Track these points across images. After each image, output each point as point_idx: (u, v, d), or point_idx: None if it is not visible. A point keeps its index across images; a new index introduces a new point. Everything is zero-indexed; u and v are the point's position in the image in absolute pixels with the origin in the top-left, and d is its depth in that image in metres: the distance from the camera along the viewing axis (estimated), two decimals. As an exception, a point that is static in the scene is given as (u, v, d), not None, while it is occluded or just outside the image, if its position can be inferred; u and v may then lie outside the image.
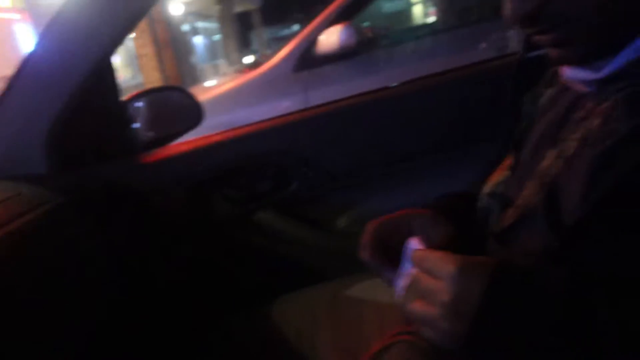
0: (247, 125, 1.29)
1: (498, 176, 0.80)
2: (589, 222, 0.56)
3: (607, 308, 0.51)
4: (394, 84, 1.34)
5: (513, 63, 0.79)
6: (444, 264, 0.57)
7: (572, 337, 0.51)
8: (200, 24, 18.02)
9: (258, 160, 1.29)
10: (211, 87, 3.08)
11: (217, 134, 1.28)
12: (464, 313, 0.54)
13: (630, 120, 0.56)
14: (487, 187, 0.80)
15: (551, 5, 0.56)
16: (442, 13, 3.25)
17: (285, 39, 3.03)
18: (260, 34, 20.07)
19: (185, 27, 14.81)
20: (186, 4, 14.13)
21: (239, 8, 16.96)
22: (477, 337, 0.54)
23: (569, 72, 0.64)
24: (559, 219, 0.62)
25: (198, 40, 17.40)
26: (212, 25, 18.99)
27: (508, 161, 0.80)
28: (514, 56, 0.79)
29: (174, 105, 1.34)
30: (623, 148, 0.55)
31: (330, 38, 2.54)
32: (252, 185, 1.33)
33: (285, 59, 2.57)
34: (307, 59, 2.56)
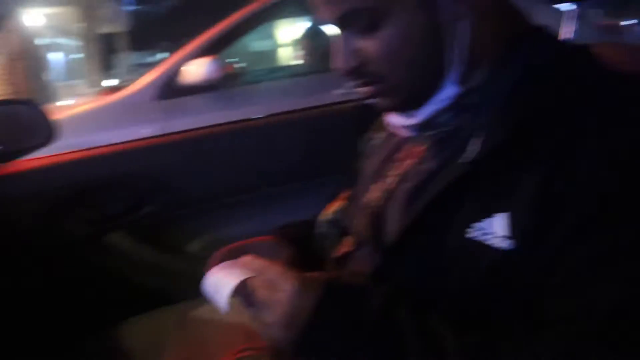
0: (104, 146, 1.28)
1: (335, 206, 0.90)
2: (403, 246, 0.67)
3: (415, 320, 0.61)
4: (252, 118, 1.42)
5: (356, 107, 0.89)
6: (284, 278, 0.65)
7: (385, 344, 0.60)
8: (61, 40, 16.93)
9: (113, 182, 1.29)
10: (67, 106, 2.94)
11: (72, 152, 1.26)
12: (297, 323, 0.62)
13: (435, 160, 0.68)
14: (325, 216, 0.90)
15: (367, 65, 0.66)
16: (308, 57, 3.40)
17: (150, 66, 2.98)
18: (124, 58, 19.30)
19: (44, 41, 13.84)
20: (47, 15, 13.22)
21: (103, 29, 16.21)
22: (308, 343, 0.62)
23: (391, 119, 0.76)
24: (382, 243, 0.72)
25: (57, 57, 16.30)
26: (73, 43, 17.92)
27: (346, 193, 0.90)
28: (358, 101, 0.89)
29: (23, 120, 1.29)
30: (430, 183, 0.66)
31: (195, 70, 2.55)
32: (105, 206, 1.32)
33: (148, 86, 2.53)
34: (170, 88, 2.53)
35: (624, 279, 0.53)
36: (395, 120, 0.74)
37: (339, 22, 0.66)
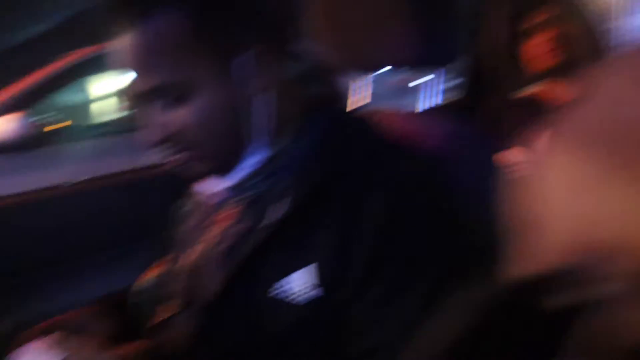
0: None
1: (153, 272, 0.90)
2: (219, 306, 0.70)
3: None
4: (61, 184, 1.35)
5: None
6: (99, 356, 0.64)
7: None
8: None
9: None
10: None
11: None
12: None
13: (246, 222, 0.72)
14: (143, 283, 0.89)
15: (178, 134, 0.69)
16: (128, 114, 3.25)
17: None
18: None
19: None
20: None
21: None
22: None
23: (205, 183, 0.79)
24: (200, 306, 0.74)
25: None
26: None
27: (163, 259, 0.90)
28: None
29: None
30: (241, 245, 0.70)
31: (0, 127, 2.33)
32: None
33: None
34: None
35: (401, 316, 0.63)
36: (209, 184, 0.77)
37: (148, 95, 0.68)
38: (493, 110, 1.24)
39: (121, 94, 3.38)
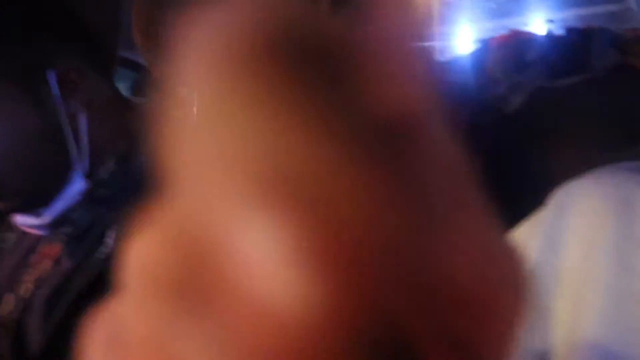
0: None
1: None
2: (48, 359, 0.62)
3: None
4: None
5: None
6: None
7: None
8: None
9: None
10: None
11: None
12: None
13: (73, 259, 0.65)
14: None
15: None
16: None
17: None
18: None
19: None
20: None
21: None
22: None
23: (19, 219, 0.70)
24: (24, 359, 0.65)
25: None
26: None
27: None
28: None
29: None
30: (69, 284, 0.63)
31: None
32: None
33: None
34: None
35: None
36: (24, 220, 0.69)
37: None
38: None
39: None
